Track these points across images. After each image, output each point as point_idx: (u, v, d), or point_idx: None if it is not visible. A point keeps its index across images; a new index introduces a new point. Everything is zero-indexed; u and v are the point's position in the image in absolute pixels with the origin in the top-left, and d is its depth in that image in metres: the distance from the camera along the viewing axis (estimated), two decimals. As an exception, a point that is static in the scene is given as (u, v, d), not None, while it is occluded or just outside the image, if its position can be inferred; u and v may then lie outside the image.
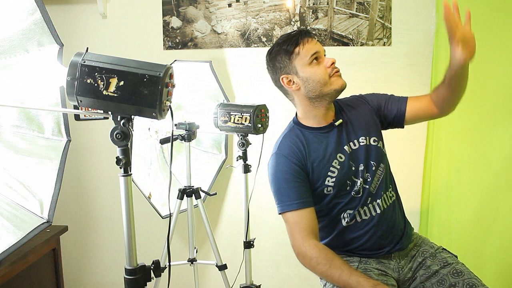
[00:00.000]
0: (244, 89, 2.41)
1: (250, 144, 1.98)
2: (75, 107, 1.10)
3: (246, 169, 1.98)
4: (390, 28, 2.28)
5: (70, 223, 2.18)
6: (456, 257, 1.47)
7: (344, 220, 1.46)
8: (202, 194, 2.08)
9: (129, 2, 2.43)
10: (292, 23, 2.33)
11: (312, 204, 1.40)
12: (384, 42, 2.29)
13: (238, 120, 1.89)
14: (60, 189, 1.52)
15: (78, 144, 2.46)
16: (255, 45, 2.37)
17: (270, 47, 1.49)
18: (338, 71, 1.43)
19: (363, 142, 1.46)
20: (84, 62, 1.00)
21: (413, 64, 2.28)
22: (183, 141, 2.01)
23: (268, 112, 1.92)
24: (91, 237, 2.62)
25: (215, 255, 2.07)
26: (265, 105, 1.92)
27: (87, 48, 1.04)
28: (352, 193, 1.44)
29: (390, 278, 1.42)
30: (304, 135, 1.47)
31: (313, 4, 2.31)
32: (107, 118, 1.07)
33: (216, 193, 2.19)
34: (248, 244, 2.04)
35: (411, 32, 2.27)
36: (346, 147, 1.45)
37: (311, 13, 2.32)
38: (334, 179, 1.43)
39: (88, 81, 1.00)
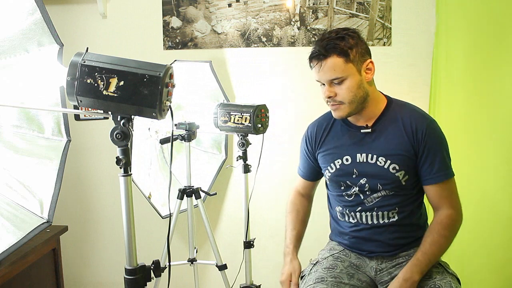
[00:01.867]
0: (244, 89, 2.41)
1: (250, 144, 1.97)
2: (75, 107, 1.10)
3: (246, 169, 1.98)
4: (390, 28, 2.28)
5: (70, 223, 2.18)
6: (456, 278, 1.40)
7: (337, 211, 1.54)
8: (202, 194, 2.08)
9: (129, 2, 2.43)
10: (292, 23, 2.33)
11: (308, 179, 1.64)
12: (384, 42, 2.29)
13: (238, 120, 1.89)
14: (60, 189, 1.52)
15: (78, 144, 2.45)
16: (255, 45, 2.37)
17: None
18: (332, 105, 1.40)
19: (380, 163, 1.40)
20: (84, 62, 1.01)
21: (413, 64, 2.28)
22: (183, 141, 2.01)
23: (268, 112, 1.92)
24: (91, 237, 2.62)
25: (215, 255, 2.07)
26: (265, 105, 1.92)
27: (87, 48, 1.04)
28: (344, 194, 1.48)
29: (361, 274, 1.47)
30: (334, 123, 1.52)
31: (313, 4, 2.31)
32: (107, 118, 1.07)
33: (216, 193, 2.19)
34: (248, 244, 2.04)
35: (411, 32, 2.27)
36: (359, 155, 1.43)
37: (311, 13, 2.32)
38: (330, 174, 1.50)
39: (88, 81, 1.00)
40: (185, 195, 2.04)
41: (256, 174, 1.97)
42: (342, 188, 1.47)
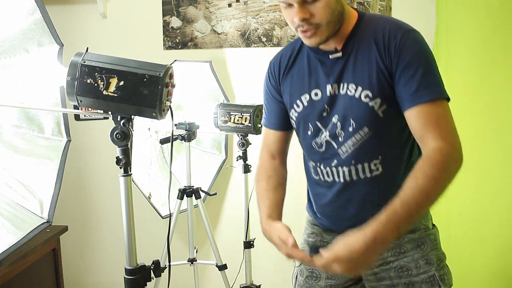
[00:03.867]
0: (244, 89, 2.41)
1: (250, 144, 1.98)
2: (75, 107, 1.10)
3: (246, 169, 1.99)
4: (390, 28, 2.28)
5: (70, 223, 2.18)
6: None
7: (310, 167, 1.24)
8: (202, 194, 2.08)
9: (129, 2, 2.43)
10: (292, 23, 2.33)
11: (277, 127, 1.29)
12: (384, 42, 2.29)
13: (238, 120, 1.90)
14: (60, 189, 1.53)
15: (78, 144, 2.45)
16: (255, 45, 2.37)
17: None
18: (305, 31, 1.08)
19: (350, 92, 1.11)
20: (84, 62, 1.01)
21: (413, 64, 2.28)
22: (183, 141, 2.02)
23: (268, 112, 1.92)
24: (91, 237, 2.62)
25: (215, 255, 2.07)
26: (265, 105, 1.91)
27: (87, 48, 1.04)
28: (313, 143, 1.18)
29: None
30: (300, 51, 1.21)
31: (313, 4, 2.31)
32: (107, 118, 1.07)
33: (216, 193, 2.19)
34: (248, 244, 2.04)
35: (411, 32, 2.27)
36: (329, 86, 1.13)
37: (311, 13, 2.32)
38: (297, 114, 1.20)
39: (88, 81, 1.00)
40: (185, 195, 2.04)
41: (256, 174, 1.97)
42: (310, 133, 1.18)
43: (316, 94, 1.15)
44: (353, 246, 0.96)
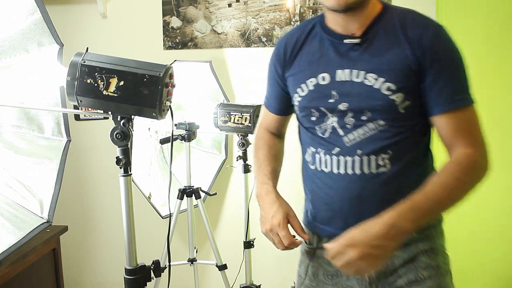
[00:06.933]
0: (244, 89, 2.41)
1: (250, 144, 1.98)
2: (75, 107, 1.10)
3: (246, 169, 1.99)
4: (390, 28, 2.28)
5: (70, 223, 2.18)
6: None
7: (309, 157, 1.15)
8: (202, 194, 2.08)
9: (129, 2, 2.43)
10: (292, 23, 2.33)
11: (277, 112, 1.25)
12: (384, 42, 2.29)
13: (238, 120, 1.90)
14: (60, 189, 1.53)
15: (78, 144, 2.45)
16: (255, 45, 2.37)
17: None
18: None
19: (369, 81, 1.02)
20: (84, 62, 1.01)
21: (413, 64, 2.28)
22: (183, 141, 2.02)
23: (268, 112, 1.92)
24: (91, 237, 2.62)
25: (215, 255, 2.07)
26: (265, 105, 1.91)
27: (87, 48, 1.04)
28: (317, 128, 1.10)
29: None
30: (311, 32, 1.14)
31: (313, 4, 2.31)
32: (107, 118, 1.07)
33: (216, 193, 2.19)
34: (248, 244, 2.04)
35: (411, 32, 2.27)
36: (340, 72, 1.05)
37: (311, 13, 2.32)
38: (300, 99, 1.12)
39: (88, 81, 1.00)
40: (185, 195, 2.04)
41: (256, 174, 1.97)
42: (314, 119, 1.09)
43: (323, 78, 1.07)
44: (371, 230, 0.91)
